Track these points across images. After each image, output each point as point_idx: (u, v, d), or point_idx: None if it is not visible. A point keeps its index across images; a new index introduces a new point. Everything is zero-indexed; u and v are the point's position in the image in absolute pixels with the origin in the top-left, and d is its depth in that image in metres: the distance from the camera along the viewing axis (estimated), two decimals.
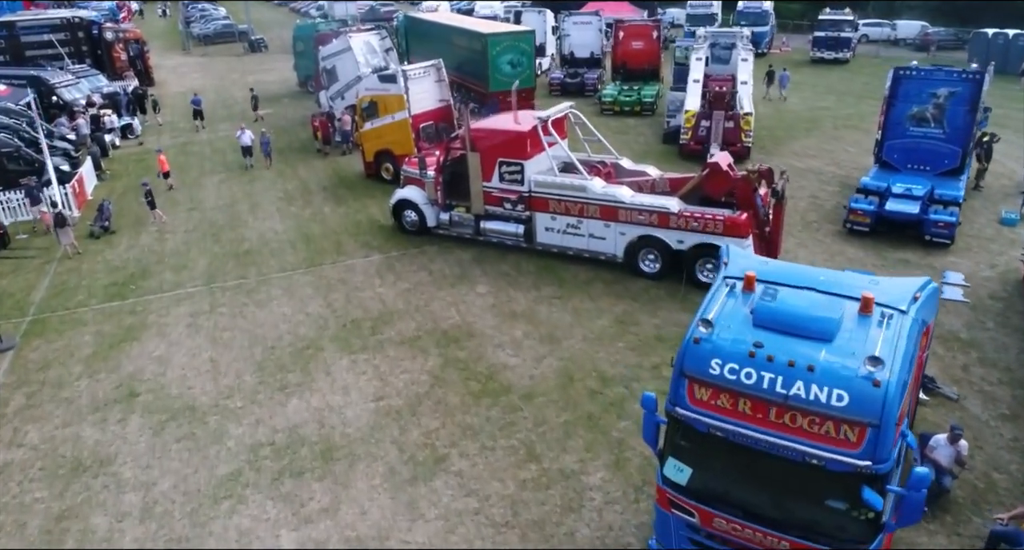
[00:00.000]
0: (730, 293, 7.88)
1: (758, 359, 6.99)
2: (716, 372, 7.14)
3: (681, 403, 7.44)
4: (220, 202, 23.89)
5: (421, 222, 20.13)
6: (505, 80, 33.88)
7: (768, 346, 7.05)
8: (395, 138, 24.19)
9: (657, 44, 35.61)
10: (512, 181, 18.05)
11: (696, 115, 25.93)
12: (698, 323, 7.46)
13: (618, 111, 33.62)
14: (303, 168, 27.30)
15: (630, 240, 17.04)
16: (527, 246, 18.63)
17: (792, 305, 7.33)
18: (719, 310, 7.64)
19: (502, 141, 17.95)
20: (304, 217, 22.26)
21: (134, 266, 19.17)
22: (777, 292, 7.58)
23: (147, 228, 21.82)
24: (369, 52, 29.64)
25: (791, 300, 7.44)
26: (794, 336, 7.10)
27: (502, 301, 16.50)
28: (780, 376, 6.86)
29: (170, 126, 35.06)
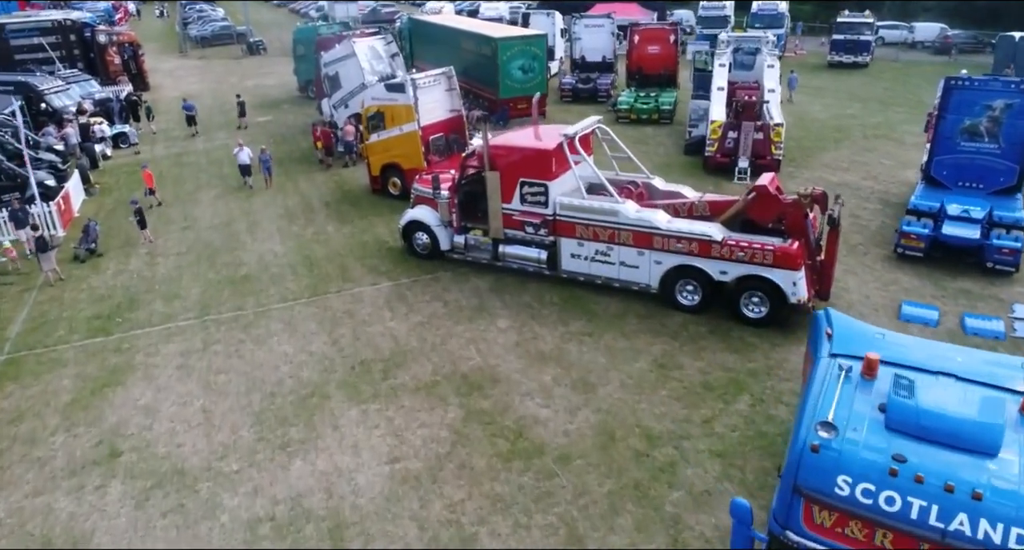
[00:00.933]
0: (846, 380, 6.29)
1: (902, 479, 5.41)
2: (845, 493, 5.57)
3: (795, 527, 5.87)
4: (216, 220, 22.28)
5: (433, 245, 18.55)
6: (516, 86, 32.40)
7: (914, 461, 5.48)
8: (403, 151, 22.61)
9: (674, 48, 34.05)
10: (535, 203, 16.47)
11: (723, 126, 24.34)
12: (816, 426, 5.86)
13: (634, 119, 32.03)
14: (304, 181, 25.70)
15: (666, 270, 15.46)
16: (550, 274, 17.05)
17: (938, 404, 5.76)
18: (837, 405, 6.04)
19: (524, 160, 16.37)
20: (306, 237, 20.67)
21: (121, 295, 17.57)
22: (912, 383, 5.99)
23: (137, 250, 20.21)
24: (374, 58, 28.03)
25: (934, 395, 5.86)
26: (946, 447, 5.52)
27: (526, 338, 14.91)
28: (935, 504, 5.27)
29: (164, 134, 33.45)
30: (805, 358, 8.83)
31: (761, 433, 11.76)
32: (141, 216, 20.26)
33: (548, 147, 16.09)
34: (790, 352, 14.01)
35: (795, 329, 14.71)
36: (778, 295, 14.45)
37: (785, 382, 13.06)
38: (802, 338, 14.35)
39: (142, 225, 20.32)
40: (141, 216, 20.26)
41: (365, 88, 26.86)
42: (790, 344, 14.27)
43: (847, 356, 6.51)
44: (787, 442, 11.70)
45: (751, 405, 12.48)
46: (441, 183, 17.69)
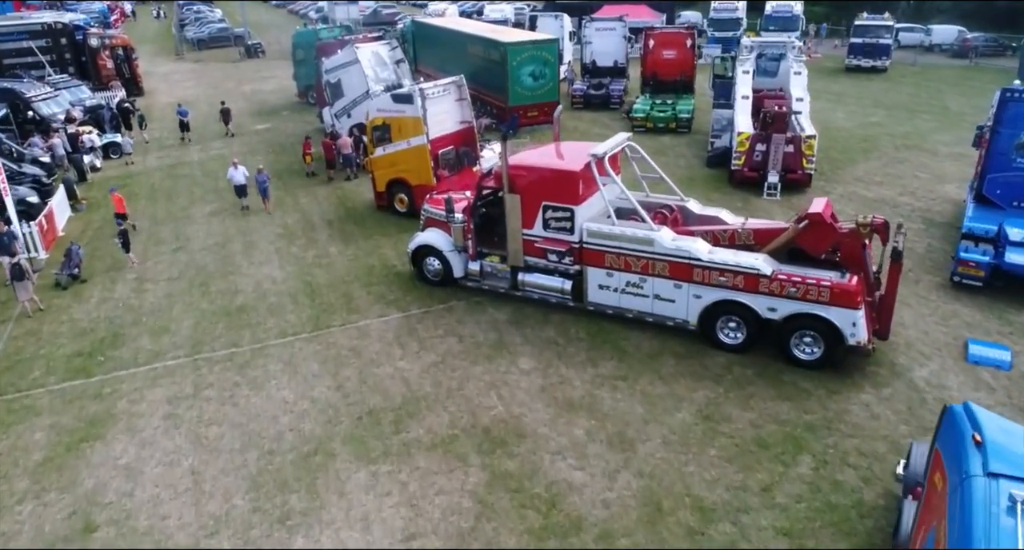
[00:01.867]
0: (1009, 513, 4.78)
1: None
2: None
3: None
4: (210, 240, 20.75)
5: (446, 272, 17.05)
6: (526, 93, 30.93)
7: None
8: (411, 166, 21.10)
9: (691, 53, 32.54)
10: (559, 229, 14.97)
11: (750, 138, 22.84)
12: None
13: (651, 128, 30.54)
14: (304, 196, 24.18)
15: (707, 305, 13.97)
16: (575, 305, 15.56)
17: None
18: None
19: (548, 182, 14.87)
20: (307, 261, 19.15)
21: (105, 328, 16.05)
22: None
23: (124, 275, 18.70)
24: (378, 64, 26.55)
25: None
26: None
27: (552, 382, 13.41)
28: None
29: (157, 143, 31.92)
30: (932, 464, 7.22)
31: (830, 505, 10.27)
32: (125, 238, 18.78)
33: (574, 168, 14.58)
34: (849, 401, 12.52)
35: (851, 373, 13.23)
36: (834, 335, 12.96)
37: (849, 439, 11.57)
38: (861, 383, 12.93)
39: (126, 248, 18.83)
40: (125, 238, 18.78)
41: (369, 97, 25.42)
42: (848, 391, 12.78)
43: (1010, 478, 5.01)
44: (861, 515, 10.29)
45: (814, 468, 10.99)
46: (455, 206, 16.17)
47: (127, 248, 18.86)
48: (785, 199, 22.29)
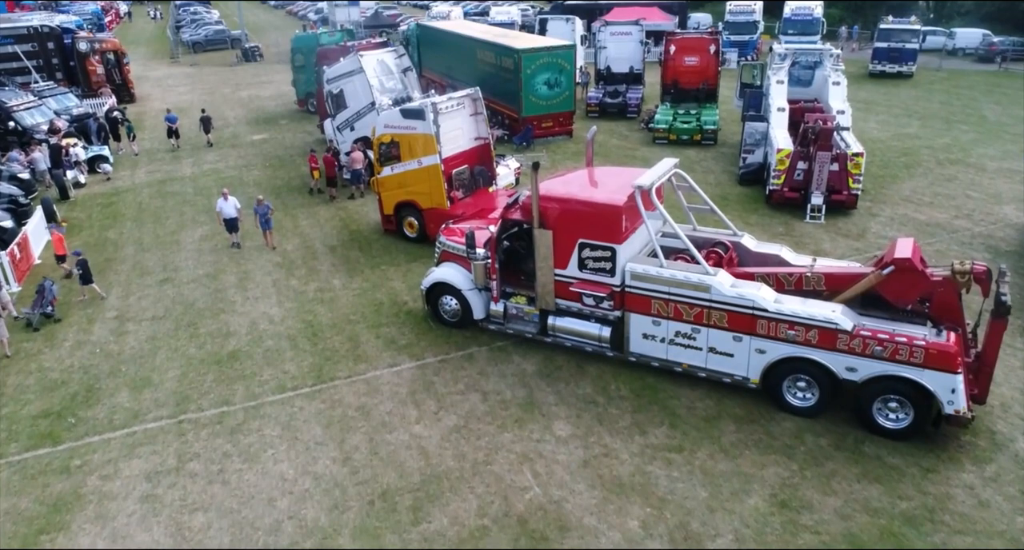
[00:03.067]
0: None
1: None
2: None
3: None
4: (200, 270, 18.81)
5: (464, 312, 15.14)
6: (541, 103, 29.03)
7: None
8: (422, 188, 19.18)
9: (715, 60, 30.62)
10: (598, 271, 13.06)
11: (791, 155, 20.93)
12: None
13: (673, 140, 28.62)
14: (305, 217, 22.24)
15: (772, 361, 12.06)
16: (614, 355, 13.64)
17: None
18: None
19: (585, 217, 12.94)
20: (308, 295, 17.22)
21: (79, 380, 14.11)
22: None
23: (103, 313, 16.75)
24: (384, 73, 24.62)
25: None
26: None
27: (595, 454, 11.50)
28: None
29: (148, 156, 29.95)
30: None
31: None
32: (85, 269, 16.84)
33: (617, 202, 12.65)
34: (949, 483, 10.62)
35: (945, 445, 11.34)
36: (926, 401, 11.06)
37: (959, 536, 9.68)
38: (958, 458, 11.04)
39: (85, 280, 16.91)
40: (85, 269, 16.84)
41: (374, 109, 23.52)
42: (945, 469, 10.89)
43: None
44: None
45: None
46: (477, 241, 14.23)
47: (86, 280, 16.92)
48: (830, 222, 20.41)
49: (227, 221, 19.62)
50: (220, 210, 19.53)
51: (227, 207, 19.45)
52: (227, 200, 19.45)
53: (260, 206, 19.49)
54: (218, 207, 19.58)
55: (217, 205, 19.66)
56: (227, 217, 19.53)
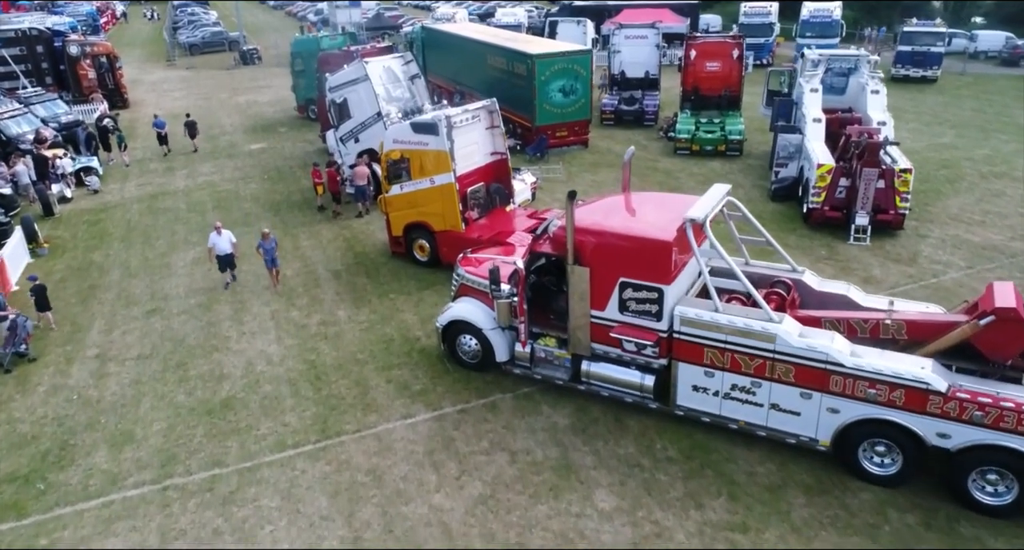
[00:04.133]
0: None
1: None
2: None
3: None
4: (192, 299, 17.19)
5: (485, 353, 13.53)
6: (555, 111, 27.43)
7: None
8: (434, 209, 17.58)
9: (738, 65, 28.95)
10: (642, 314, 11.45)
11: (833, 171, 19.33)
12: None
13: (696, 151, 27.02)
14: (307, 237, 20.62)
15: (847, 422, 10.46)
16: (657, 407, 12.03)
17: None
18: None
19: (628, 253, 11.32)
20: (310, 330, 15.61)
21: (51, 435, 12.49)
22: None
23: (83, 351, 15.14)
24: (390, 81, 22.99)
25: None
26: None
27: (646, 534, 9.90)
28: None
29: (139, 167, 28.31)
30: None
31: None
32: (41, 295, 15.31)
33: (665, 237, 11.03)
34: None
35: None
36: None
37: None
38: None
39: (41, 307, 15.36)
40: (41, 295, 15.31)
41: (380, 119, 21.95)
42: None
43: None
44: None
45: None
46: (502, 276, 12.60)
47: (43, 307, 15.36)
48: (876, 245, 18.83)
49: (221, 258, 17.16)
50: (213, 246, 16.97)
51: (220, 242, 16.93)
52: (221, 234, 16.89)
53: (266, 241, 16.84)
54: (211, 242, 17.00)
55: (209, 240, 17.07)
56: (221, 254, 17.05)
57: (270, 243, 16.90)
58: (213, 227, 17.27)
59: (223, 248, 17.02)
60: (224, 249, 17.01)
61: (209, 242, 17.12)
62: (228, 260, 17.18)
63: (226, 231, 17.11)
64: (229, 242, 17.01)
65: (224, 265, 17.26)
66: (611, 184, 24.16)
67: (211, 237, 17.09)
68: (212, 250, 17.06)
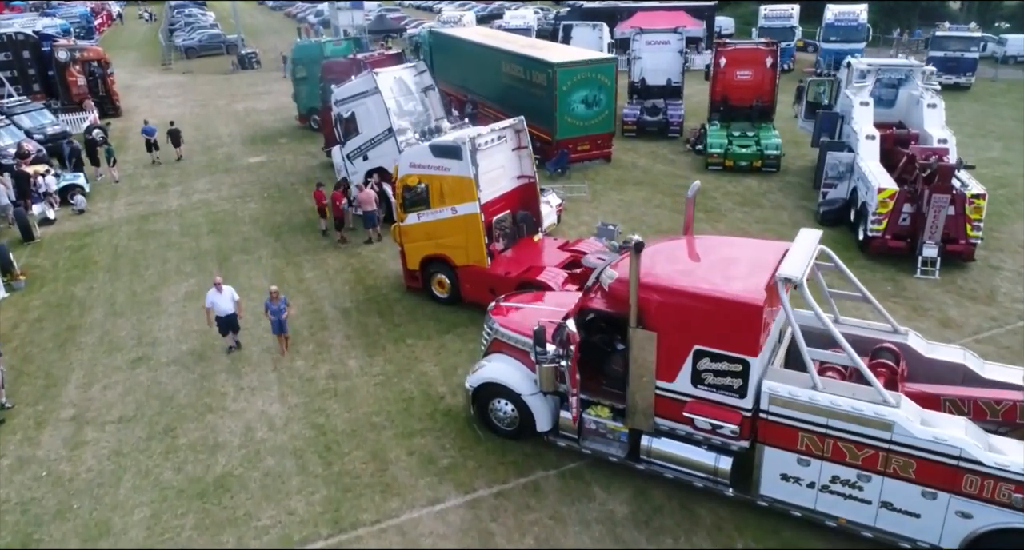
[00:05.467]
0: None
1: None
2: None
3: None
4: (184, 344, 15.24)
5: (523, 420, 11.59)
6: (577, 124, 25.47)
7: None
8: (456, 241, 15.65)
9: (772, 73, 27.03)
10: (720, 388, 9.52)
11: (896, 196, 17.42)
12: None
13: (730, 167, 25.09)
14: (311, 269, 18.66)
15: (982, 530, 8.52)
16: (734, 496, 10.08)
17: None
18: None
19: (707, 316, 9.38)
20: (318, 384, 13.65)
21: (13, 526, 10.54)
22: None
23: (57, 411, 13.17)
24: (402, 93, 21.08)
25: None
26: None
27: None
28: None
29: (129, 183, 26.33)
30: None
31: None
32: None
33: (755, 299, 9.08)
34: None
35: None
36: None
37: None
38: None
39: None
40: None
41: (392, 135, 20.05)
42: None
43: None
44: None
45: None
46: (548, 334, 10.63)
47: None
48: (947, 278, 16.95)
49: (222, 320, 14.24)
50: (212, 305, 14.07)
51: (222, 301, 14.03)
52: (221, 291, 14.00)
53: (274, 302, 14.01)
54: (208, 301, 14.08)
55: (207, 299, 14.11)
56: (222, 314, 14.16)
57: (279, 304, 14.05)
58: (212, 283, 14.27)
59: (224, 308, 14.11)
60: (226, 309, 14.11)
61: (207, 301, 14.13)
62: (231, 322, 14.34)
63: (228, 287, 14.23)
64: (232, 300, 14.12)
65: (226, 328, 14.40)
66: (640, 204, 22.30)
67: (209, 295, 14.13)
68: (211, 311, 14.16)
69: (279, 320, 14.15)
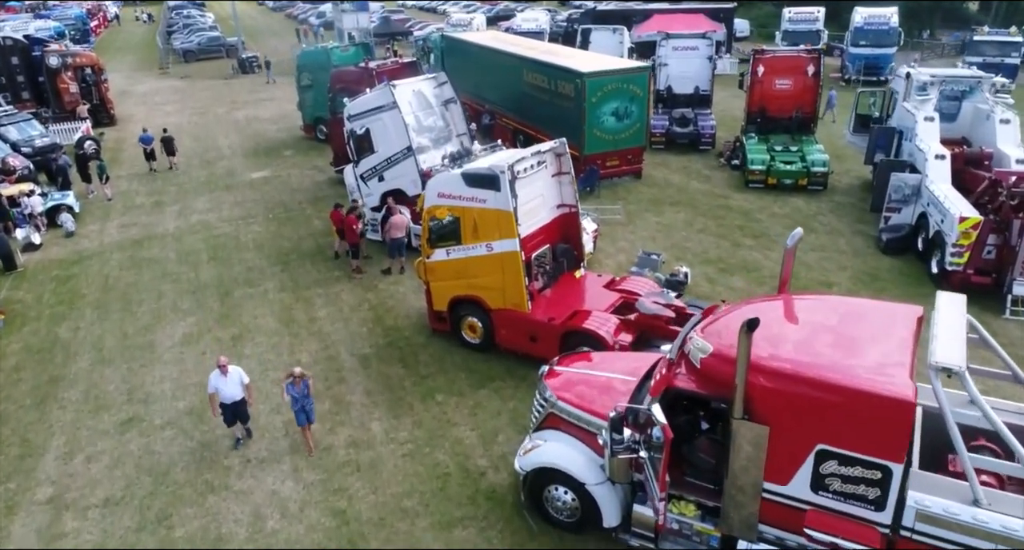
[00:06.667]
0: None
1: None
2: None
3: None
4: (182, 401, 13.31)
5: (585, 511, 9.69)
6: (607, 138, 23.57)
7: None
8: (491, 282, 13.75)
9: (814, 83, 25.13)
10: (850, 497, 7.62)
11: (980, 226, 15.53)
12: None
13: (773, 184, 23.18)
14: (323, 303, 16.76)
15: None
16: None
17: None
18: None
19: (838, 409, 7.47)
20: (337, 455, 11.75)
21: None
22: None
23: (33, 491, 11.24)
24: (421, 108, 19.21)
25: None
26: None
27: None
28: None
29: (123, 201, 24.40)
30: None
31: None
32: None
33: (905, 394, 7.16)
34: None
35: None
36: None
37: None
38: None
39: None
40: None
41: (411, 154, 18.20)
42: None
43: None
44: None
45: None
46: (623, 419, 8.70)
47: None
48: None
49: (228, 408, 11.47)
50: (216, 391, 11.28)
51: (227, 386, 11.25)
52: (226, 375, 11.21)
53: (295, 386, 11.14)
54: (212, 386, 11.29)
55: (210, 384, 11.31)
56: (227, 401, 11.38)
57: (302, 388, 11.20)
58: (218, 365, 11.33)
59: (231, 394, 11.31)
60: (233, 395, 11.32)
61: (210, 386, 11.32)
62: (239, 411, 11.59)
63: (235, 369, 11.41)
64: (239, 384, 11.34)
65: (233, 417, 11.62)
66: (680, 227, 20.41)
67: (212, 379, 11.29)
68: (215, 397, 11.39)
69: (302, 407, 11.31)
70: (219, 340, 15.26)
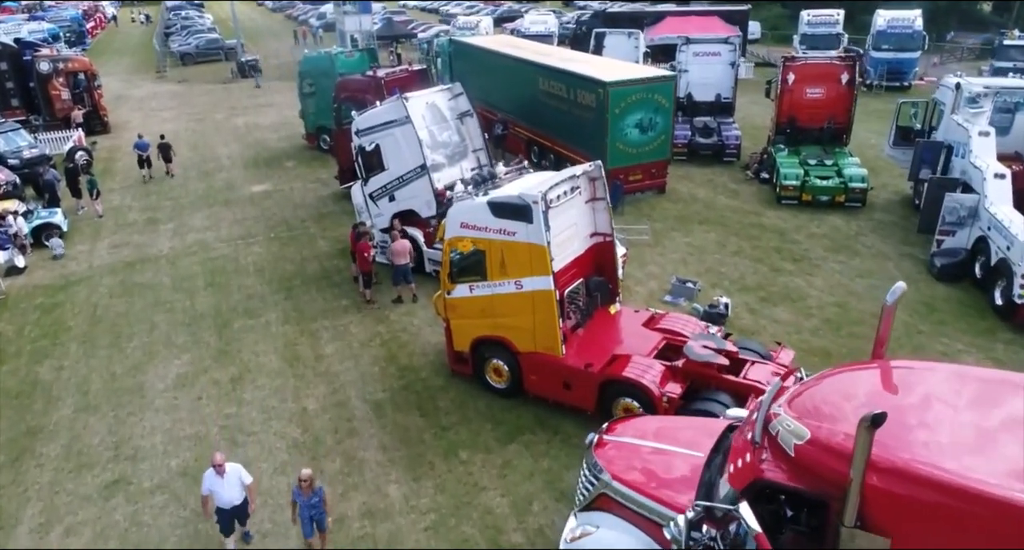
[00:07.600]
0: None
1: None
2: None
3: None
4: (174, 458, 11.87)
5: None
6: (631, 151, 22.08)
7: None
8: (520, 322, 12.31)
9: (849, 92, 23.74)
10: None
11: None
12: None
13: (807, 201, 21.74)
14: (331, 338, 15.30)
15: None
16: None
17: None
18: None
19: (982, 521, 6.01)
20: (351, 529, 10.31)
21: None
22: None
23: None
24: (436, 122, 17.75)
25: None
26: None
27: None
28: None
29: (115, 218, 22.90)
30: None
31: None
32: None
33: None
34: None
35: None
36: None
37: None
38: None
39: None
40: None
41: (425, 172, 16.77)
42: None
43: None
44: None
45: None
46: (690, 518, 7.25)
47: None
48: None
49: (221, 514, 9.50)
50: (211, 493, 9.35)
51: (225, 488, 9.30)
52: (223, 476, 9.24)
53: (304, 495, 9.21)
54: (205, 488, 9.37)
55: (204, 484, 9.38)
56: (224, 506, 9.41)
57: (313, 498, 9.26)
58: (213, 463, 9.27)
59: (229, 498, 9.34)
60: (231, 499, 9.35)
61: (204, 487, 9.39)
62: (239, 515, 9.63)
63: (233, 466, 9.41)
64: (239, 486, 9.38)
65: (231, 521, 9.58)
66: (712, 249, 18.98)
67: (206, 479, 9.34)
68: (209, 499, 9.47)
69: (311, 516, 9.31)
70: (216, 383, 13.81)
